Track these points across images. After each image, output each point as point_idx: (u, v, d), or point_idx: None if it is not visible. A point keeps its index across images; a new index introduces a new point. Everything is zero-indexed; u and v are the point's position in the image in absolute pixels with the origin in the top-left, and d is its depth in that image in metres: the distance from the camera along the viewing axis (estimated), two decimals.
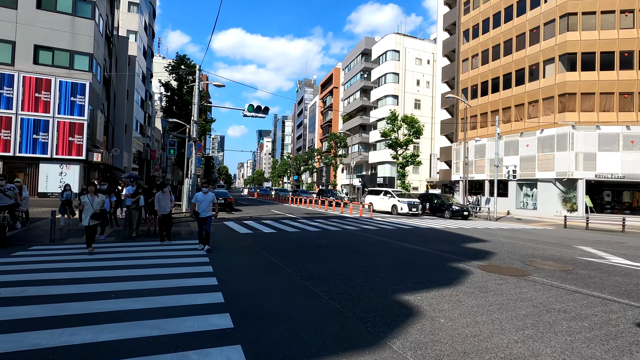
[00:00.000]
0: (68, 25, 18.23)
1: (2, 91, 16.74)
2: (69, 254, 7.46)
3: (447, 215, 21.60)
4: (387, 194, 23.11)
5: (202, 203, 8.18)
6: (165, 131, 58.40)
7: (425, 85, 47.01)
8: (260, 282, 5.62)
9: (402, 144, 30.11)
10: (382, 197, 23.34)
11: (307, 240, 10.22)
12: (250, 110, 15.70)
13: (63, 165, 17.75)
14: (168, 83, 26.57)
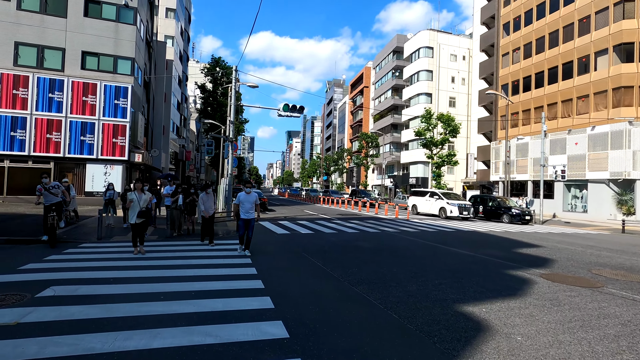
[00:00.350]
0: (112, 31, 19.00)
1: (53, 95, 17.69)
2: (116, 252, 7.57)
3: (506, 219, 19.40)
4: (434, 196, 21.43)
5: (244, 204, 7.60)
6: (199, 132, 60.21)
7: (461, 82, 45.29)
8: (307, 287, 5.36)
9: (438, 143, 29.06)
10: (428, 199, 21.76)
11: (346, 242, 9.89)
12: (286, 110, 15.59)
13: (107, 165, 18.51)
14: (204, 85, 27.17)
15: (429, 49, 44.39)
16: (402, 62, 50.18)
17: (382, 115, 55.79)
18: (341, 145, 75.33)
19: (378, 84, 57.90)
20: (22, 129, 17.26)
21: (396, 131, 51.93)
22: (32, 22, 17.71)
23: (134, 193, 7.34)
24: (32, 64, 17.71)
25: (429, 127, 29.35)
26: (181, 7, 40.31)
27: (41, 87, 17.52)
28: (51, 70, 17.92)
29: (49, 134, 17.63)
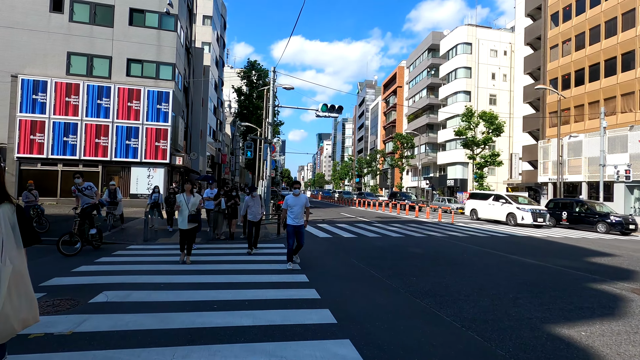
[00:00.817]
0: (154, 38, 19.60)
1: (101, 102, 18.48)
2: (163, 255, 7.49)
3: (601, 228, 15.99)
4: (500, 199, 18.84)
5: (294, 208, 6.71)
6: (234, 136, 61.56)
7: (502, 79, 42.98)
8: (366, 298, 4.88)
9: (480, 142, 27.56)
10: (492, 203, 19.14)
11: (394, 248, 9.30)
12: (324, 110, 15.22)
13: (150, 168, 19.05)
14: (240, 89, 27.50)
15: (467, 45, 42.52)
16: (438, 60, 48.49)
17: (416, 115, 54.21)
18: (374, 147, 74.16)
19: (412, 84, 56.38)
20: (73, 134, 18.14)
21: (432, 131, 50.20)
22: (82, 33, 18.63)
23: (182, 195, 6.77)
24: (83, 72, 18.61)
25: (469, 126, 27.92)
26: (217, 14, 41.36)
27: (90, 94, 18.36)
28: (99, 78, 18.75)
29: (97, 138, 18.41)
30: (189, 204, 6.71)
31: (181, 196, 6.79)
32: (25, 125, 17.61)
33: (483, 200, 20.04)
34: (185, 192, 6.86)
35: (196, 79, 29.24)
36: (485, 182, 28.41)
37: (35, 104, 17.75)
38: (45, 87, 17.83)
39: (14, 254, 1.77)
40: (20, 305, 1.75)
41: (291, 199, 6.84)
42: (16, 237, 1.80)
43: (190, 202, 6.75)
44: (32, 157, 17.70)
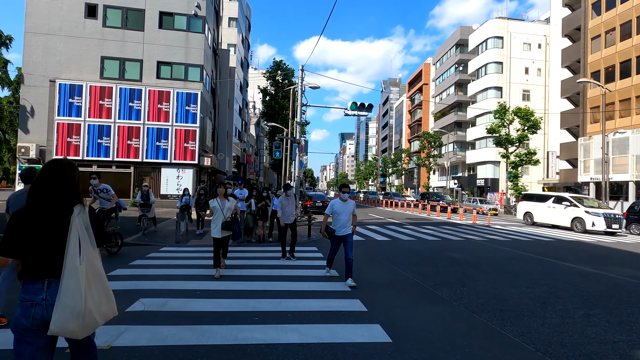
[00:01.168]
0: (183, 40, 19.82)
1: (132, 104, 18.87)
2: (197, 257, 7.32)
3: None
4: (563, 202, 16.29)
5: (340, 215, 5.78)
6: (258, 136, 62.10)
7: (536, 73, 40.95)
8: (418, 312, 4.44)
9: (515, 140, 26.23)
10: (552, 206, 16.68)
11: (432, 252, 8.76)
12: (354, 108, 14.78)
13: (179, 169, 19.28)
14: (265, 89, 27.50)
15: (498, 39, 40.77)
16: (467, 56, 46.85)
17: (443, 113, 52.71)
18: (398, 146, 72.82)
19: (439, 80, 54.84)
20: (107, 136, 18.61)
21: (460, 129, 48.60)
22: (114, 37, 19.09)
23: (215, 201, 5.98)
24: (115, 75, 19.07)
25: (503, 123, 26.63)
26: (242, 16, 41.73)
27: (123, 96, 18.77)
28: (131, 81, 19.15)
29: (129, 140, 18.80)
30: (224, 209, 5.93)
31: (215, 201, 5.99)
32: (63, 128, 18.23)
33: (540, 203, 17.60)
34: (219, 196, 6.04)
35: (223, 79, 29.53)
36: (520, 182, 27.00)
37: (71, 108, 18.34)
38: (81, 90, 18.39)
39: (90, 253, 1.87)
40: (100, 300, 1.87)
41: (338, 204, 5.86)
42: (90, 237, 1.90)
43: (226, 208, 5.96)
44: (69, 159, 18.26)
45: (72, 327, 1.75)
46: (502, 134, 26.60)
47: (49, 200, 1.85)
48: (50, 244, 1.81)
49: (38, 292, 1.79)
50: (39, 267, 1.81)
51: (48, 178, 1.87)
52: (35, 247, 1.80)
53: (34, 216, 1.82)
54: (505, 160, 27.67)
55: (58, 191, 1.87)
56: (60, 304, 1.74)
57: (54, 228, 1.83)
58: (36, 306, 1.77)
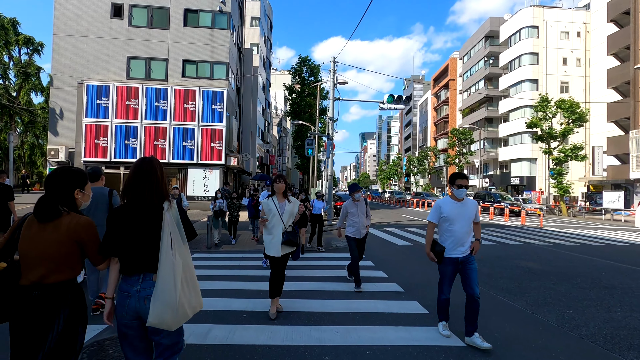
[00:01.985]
0: (208, 38, 19.30)
1: (159, 104, 18.49)
2: (233, 266, 6.49)
3: None
4: None
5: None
6: (281, 137, 61.74)
7: (575, 64, 38.36)
8: (533, 348, 3.36)
9: (558, 135, 24.30)
10: None
11: (499, 260, 7.57)
12: (390, 101, 13.72)
13: (206, 170, 18.75)
14: (291, 86, 26.74)
15: (533, 29, 38.45)
16: (498, 48, 44.58)
17: (472, 109, 50.51)
18: (423, 145, 70.75)
19: (467, 75, 52.63)
20: (134, 137, 18.31)
21: (491, 125, 46.33)
22: (140, 37, 18.79)
23: (271, 201, 4.04)
24: (141, 75, 18.76)
25: (545, 117, 24.73)
26: (264, 15, 41.30)
27: (149, 96, 18.42)
28: (156, 80, 18.79)
29: (156, 140, 18.43)
30: (283, 214, 3.97)
31: (270, 202, 4.03)
32: (90, 129, 18.06)
33: None
34: (276, 195, 4.06)
35: (247, 75, 29.03)
36: (565, 180, 24.98)
37: (99, 109, 18.14)
38: (108, 91, 18.17)
39: (181, 248, 1.91)
40: (190, 294, 1.92)
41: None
42: (181, 233, 1.94)
43: (286, 212, 4.00)
44: (97, 160, 18.09)
45: (168, 319, 1.80)
46: (545, 128, 24.68)
47: (142, 198, 1.91)
48: (145, 239, 1.87)
49: (134, 284, 1.87)
50: (135, 262, 1.87)
51: (141, 176, 1.93)
52: (130, 243, 1.86)
53: (129, 214, 1.89)
54: (547, 156, 25.70)
55: (150, 188, 1.92)
56: (158, 297, 1.80)
57: (147, 224, 1.88)
58: (130, 298, 1.85)
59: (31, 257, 1.77)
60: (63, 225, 1.81)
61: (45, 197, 1.85)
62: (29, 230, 1.81)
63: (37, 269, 1.76)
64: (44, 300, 1.75)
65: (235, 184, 25.07)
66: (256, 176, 16.81)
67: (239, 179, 27.02)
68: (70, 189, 1.90)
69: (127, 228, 1.86)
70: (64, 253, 1.79)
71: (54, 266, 1.78)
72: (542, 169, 38.82)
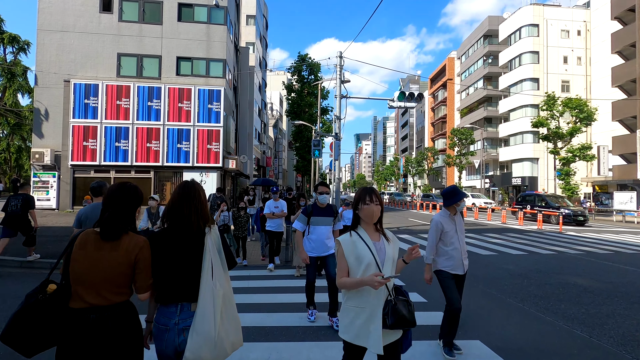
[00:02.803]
0: (204, 33, 18.28)
1: (152, 104, 17.40)
2: (253, 288, 5.49)
3: None
4: None
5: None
6: (277, 138, 60.69)
7: (576, 63, 37.94)
8: None
9: (565, 134, 23.65)
10: None
11: (537, 274, 6.68)
12: (401, 99, 12.80)
13: (203, 173, 17.69)
14: (290, 85, 25.76)
15: (534, 27, 37.97)
16: (497, 47, 44.09)
17: (471, 108, 49.96)
18: (420, 145, 70.21)
19: (465, 75, 52.12)
20: (125, 139, 17.20)
21: (490, 125, 45.80)
22: (131, 33, 17.71)
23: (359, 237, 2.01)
24: (133, 73, 17.67)
25: (553, 115, 24.07)
26: (260, 14, 40.34)
27: (141, 95, 17.34)
28: (149, 79, 17.72)
29: (149, 142, 17.34)
30: (382, 262, 1.97)
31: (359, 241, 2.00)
32: (78, 131, 16.91)
33: None
34: (364, 223, 2.07)
35: (243, 72, 28.00)
36: (574, 181, 24.32)
37: (87, 109, 17.01)
38: (97, 90, 17.04)
39: (222, 277, 1.79)
40: (230, 328, 1.77)
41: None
42: (222, 261, 1.82)
43: (387, 259, 1.99)
44: (85, 164, 16.96)
45: (205, 355, 1.68)
46: (552, 127, 24.01)
47: (188, 222, 1.81)
48: (185, 266, 1.76)
49: (171, 316, 1.75)
50: (172, 291, 1.76)
51: (186, 199, 1.84)
52: (169, 270, 1.76)
53: (170, 239, 1.80)
54: (553, 156, 25.05)
55: (196, 212, 1.83)
56: (196, 330, 1.68)
57: (189, 250, 1.78)
58: (169, 331, 1.73)
59: (88, 278, 1.68)
60: (123, 244, 1.74)
61: (112, 215, 1.76)
62: (84, 250, 1.71)
63: (95, 291, 1.68)
64: (102, 323, 1.66)
65: (233, 187, 24.03)
66: (257, 181, 15.66)
67: (236, 183, 25.97)
68: (134, 207, 1.86)
69: (168, 254, 1.77)
70: (123, 274, 1.72)
71: (113, 288, 1.71)
72: (544, 169, 38.33)
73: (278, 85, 70.54)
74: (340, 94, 12.95)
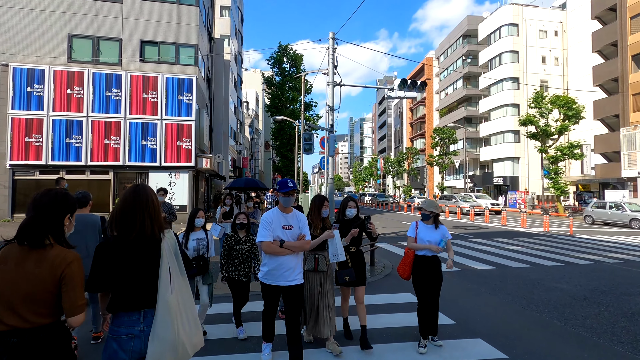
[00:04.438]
0: (172, 15, 16.05)
1: (110, 93, 14.97)
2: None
3: None
4: None
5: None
6: (253, 138, 58.25)
7: (554, 62, 38.29)
8: None
9: (555, 132, 23.14)
10: None
11: (606, 298, 5.22)
12: (402, 87, 11.26)
13: (172, 173, 15.43)
14: (270, 78, 23.77)
15: (513, 26, 37.99)
16: (476, 47, 44.04)
17: (450, 108, 49.82)
18: (399, 146, 69.89)
19: (444, 75, 51.96)
20: (77, 135, 14.66)
21: (470, 125, 45.64)
22: (86, 11, 15.21)
23: None
24: (87, 58, 15.16)
25: (542, 113, 23.50)
26: (235, 6, 38.05)
27: (97, 84, 14.88)
28: (107, 65, 15.27)
29: (107, 138, 14.89)
30: None
31: None
32: (19, 124, 14.22)
33: None
34: None
35: (217, 71, 25.73)
36: (562, 180, 23.84)
37: (30, 99, 14.35)
38: (42, 77, 14.42)
39: (180, 281, 1.78)
40: (191, 330, 1.77)
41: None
42: (180, 265, 1.81)
43: None
44: (28, 164, 14.28)
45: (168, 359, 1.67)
46: (541, 125, 23.43)
47: (141, 229, 1.75)
48: (144, 274, 1.72)
49: (135, 323, 1.70)
50: (133, 298, 1.71)
51: (138, 206, 1.75)
52: (127, 277, 1.70)
53: (123, 247, 1.73)
54: (541, 155, 24.52)
55: (150, 219, 1.77)
56: (156, 335, 1.66)
57: (146, 257, 1.74)
58: (135, 339, 1.68)
59: (8, 297, 1.51)
60: (48, 259, 1.57)
61: (33, 222, 1.58)
62: (4, 265, 1.55)
63: (16, 311, 1.51)
64: (24, 348, 1.52)
65: (208, 190, 21.76)
66: (237, 181, 13.37)
67: (211, 185, 23.67)
68: (61, 215, 1.68)
69: (122, 262, 1.70)
70: (47, 292, 1.55)
71: (37, 307, 1.54)
72: (524, 168, 38.40)
73: (253, 84, 68.06)
74: (334, 81, 11.22)
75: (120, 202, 1.77)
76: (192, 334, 1.75)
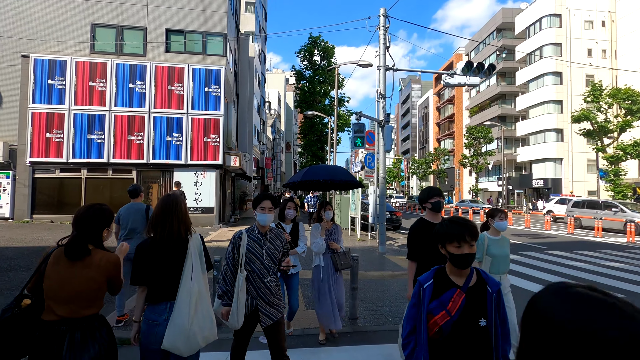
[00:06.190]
0: (200, 2, 14.89)
1: (134, 86, 13.92)
2: None
3: None
4: None
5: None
6: (275, 139, 57.27)
7: (601, 55, 35.30)
8: None
9: (615, 129, 20.70)
10: None
11: None
12: (466, 72, 9.56)
13: (198, 172, 14.21)
14: (300, 71, 22.39)
15: (555, 17, 35.28)
16: (512, 41, 41.37)
17: (481, 107, 47.17)
18: (424, 146, 67.39)
19: None
20: (99, 130, 13.66)
21: (504, 124, 42.90)
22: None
23: None
24: (111, 48, 14.16)
25: (600, 108, 21.09)
26: (259, 3, 37.09)
27: (120, 76, 13.85)
28: (131, 55, 14.24)
29: (130, 134, 13.83)
30: None
31: None
32: (40, 119, 13.34)
33: None
34: None
35: (243, 67, 24.60)
36: (623, 181, 21.30)
37: (51, 92, 13.46)
38: (64, 68, 13.52)
39: (200, 278, 2.03)
40: (204, 323, 1.98)
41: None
42: (202, 264, 2.08)
43: None
44: (48, 161, 13.37)
45: (179, 344, 1.88)
46: (599, 121, 21.02)
47: (170, 232, 2.04)
48: (171, 270, 1.99)
49: (161, 312, 1.96)
50: (162, 290, 1.98)
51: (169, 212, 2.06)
52: (159, 274, 1.99)
53: (158, 247, 2.02)
54: (597, 154, 22.06)
55: (178, 222, 2.06)
56: (173, 322, 1.90)
57: (174, 255, 2.01)
58: (159, 326, 1.93)
59: (60, 293, 1.77)
60: (94, 262, 1.85)
61: (77, 236, 1.86)
62: (57, 266, 1.81)
63: (67, 305, 1.77)
64: (71, 334, 1.74)
65: (233, 190, 20.56)
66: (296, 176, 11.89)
67: (236, 185, 22.49)
68: (100, 229, 1.96)
69: (156, 260, 1.99)
70: (95, 289, 1.83)
71: (84, 302, 1.81)
72: (568, 169, 35.53)
73: (275, 84, 67.25)
74: (385, 65, 9.65)
75: (155, 210, 2.10)
76: (205, 327, 1.98)
